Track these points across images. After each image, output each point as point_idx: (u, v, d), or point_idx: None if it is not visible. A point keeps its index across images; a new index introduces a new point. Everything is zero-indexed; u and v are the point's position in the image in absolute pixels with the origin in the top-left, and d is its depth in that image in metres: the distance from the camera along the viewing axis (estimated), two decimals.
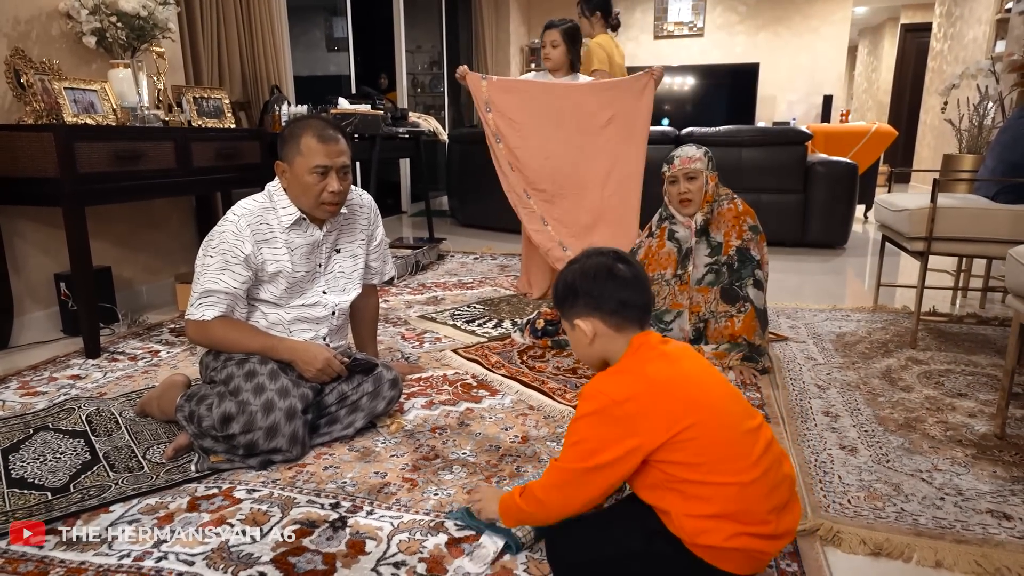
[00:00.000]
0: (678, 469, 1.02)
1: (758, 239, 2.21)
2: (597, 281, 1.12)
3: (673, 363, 1.10)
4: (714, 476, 1.01)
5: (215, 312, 1.62)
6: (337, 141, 1.66)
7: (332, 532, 1.30)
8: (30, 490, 1.45)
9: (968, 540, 1.27)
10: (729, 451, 1.02)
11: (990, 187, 2.54)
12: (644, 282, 1.14)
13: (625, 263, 1.13)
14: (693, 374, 1.09)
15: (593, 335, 1.13)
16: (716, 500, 1.01)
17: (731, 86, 7.97)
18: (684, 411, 1.02)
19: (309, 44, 6.39)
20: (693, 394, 1.05)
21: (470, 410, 1.87)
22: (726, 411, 1.06)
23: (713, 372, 1.13)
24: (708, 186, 2.19)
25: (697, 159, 2.16)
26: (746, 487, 1.01)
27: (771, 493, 1.04)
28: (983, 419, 1.81)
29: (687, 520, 1.02)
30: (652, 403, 1.03)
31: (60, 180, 2.20)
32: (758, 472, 1.02)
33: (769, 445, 1.07)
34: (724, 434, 1.03)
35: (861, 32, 11.54)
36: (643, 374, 1.07)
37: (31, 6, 2.53)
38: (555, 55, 2.97)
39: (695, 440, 1.01)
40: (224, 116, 3.10)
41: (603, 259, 1.14)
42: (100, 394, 2.01)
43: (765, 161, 4.41)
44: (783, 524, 1.05)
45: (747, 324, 2.16)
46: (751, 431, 1.06)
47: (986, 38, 6.16)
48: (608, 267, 1.12)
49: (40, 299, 2.63)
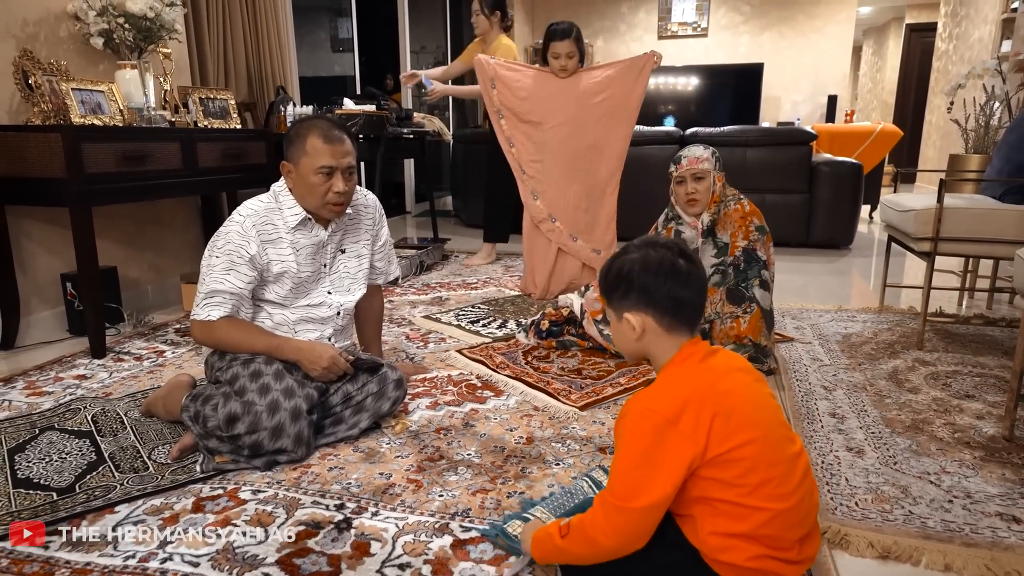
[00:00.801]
0: (717, 487, 0.97)
1: (764, 239, 2.20)
2: (658, 276, 1.03)
3: (724, 376, 1.03)
4: (752, 499, 0.96)
5: (220, 312, 1.62)
6: (342, 142, 1.66)
7: (337, 533, 1.30)
8: (36, 490, 1.45)
9: (977, 543, 1.26)
10: (772, 475, 0.97)
11: (997, 187, 2.53)
12: (703, 282, 1.08)
13: (687, 259, 1.05)
14: (746, 389, 1.03)
15: (642, 331, 1.05)
16: (748, 521, 0.97)
17: (735, 86, 7.95)
18: (739, 426, 0.96)
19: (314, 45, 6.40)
20: (748, 410, 0.99)
21: (475, 411, 1.87)
22: (775, 432, 1.01)
23: (763, 388, 1.07)
24: (715, 187, 2.19)
25: (705, 159, 2.16)
26: (780, 514, 0.97)
27: (801, 522, 1.00)
28: (991, 421, 1.80)
29: (711, 536, 0.99)
30: (706, 415, 0.96)
31: (67, 180, 2.20)
32: (794, 501, 0.98)
33: (806, 473, 1.03)
34: (772, 457, 0.98)
35: (866, 32, 11.50)
36: (695, 386, 1.00)
37: (39, 8, 2.54)
38: (572, 65, 2.93)
39: (746, 460, 0.96)
40: (230, 117, 3.11)
41: (666, 253, 1.05)
42: (106, 394, 2.01)
43: (770, 161, 4.40)
44: (805, 551, 1.03)
45: (753, 325, 2.15)
46: (793, 456, 1.02)
47: (992, 38, 6.13)
48: (671, 263, 1.04)
49: (46, 299, 2.63)
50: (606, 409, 1.89)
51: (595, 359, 2.29)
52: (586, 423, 1.79)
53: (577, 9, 8.40)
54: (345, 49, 6.09)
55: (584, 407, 1.88)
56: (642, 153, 4.60)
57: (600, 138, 2.97)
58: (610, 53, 8.44)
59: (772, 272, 2.22)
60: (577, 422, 1.80)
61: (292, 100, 3.72)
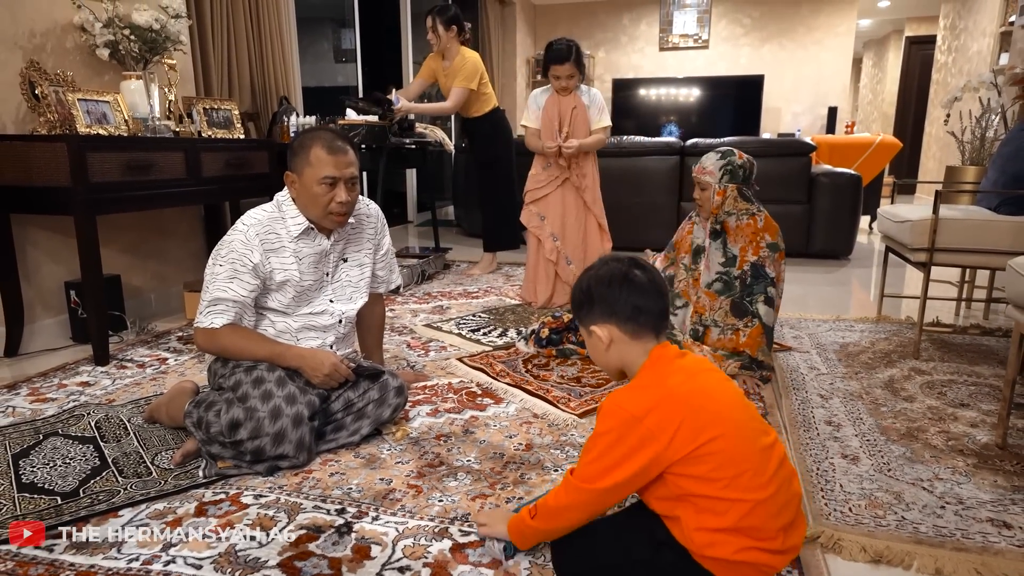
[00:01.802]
0: (694, 483, 1.02)
1: (775, 257, 2.22)
2: (612, 287, 1.12)
3: (693, 376, 1.09)
4: (729, 492, 1.01)
5: (224, 320, 1.64)
6: (346, 153, 1.69)
7: (338, 537, 1.31)
8: (40, 495, 1.47)
9: (968, 548, 1.28)
10: (746, 467, 1.02)
11: (992, 199, 2.55)
12: (660, 288, 1.14)
13: (641, 269, 1.13)
14: (713, 388, 1.09)
15: (609, 341, 1.13)
16: (729, 515, 1.01)
17: (736, 97, 8.00)
18: (706, 424, 1.02)
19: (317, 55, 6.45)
20: (714, 407, 1.05)
21: (475, 418, 1.89)
22: (745, 426, 1.06)
23: (731, 386, 1.13)
24: (715, 199, 2.22)
25: (708, 172, 2.22)
26: (759, 504, 1.01)
27: (781, 511, 1.04)
28: (985, 429, 1.82)
29: (697, 532, 1.02)
30: (673, 416, 1.02)
31: (72, 189, 2.24)
32: (772, 490, 1.02)
33: (782, 463, 1.07)
34: (743, 450, 1.03)
35: (866, 44, 11.58)
36: (663, 387, 1.06)
37: (47, 19, 2.58)
38: (573, 84, 2.97)
39: (716, 454, 1.01)
40: (233, 127, 3.14)
41: (618, 265, 1.14)
42: (109, 400, 2.03)
43: (770, 172, 4.42)
44: (790, 540, 1.06)
45: (752, 339, 2.17)
46: (766, 448, 1.06)
47: (990, 51, 6.18)
48: (623, 273, 1.12)
49: (50, 307, 2.66)
50: None
51: (594, 367, 2.31)
52: (585, 430, 1.81)
53: (579, 21, 8.47)
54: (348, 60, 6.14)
55: (583, 415, 1.90)
56: (643, 164, 4.64)
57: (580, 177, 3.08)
58: (612, 64, 8.51)
59: (781, 288, 2.24)
60: (576, 429, 1.81)
61: (295, 110, 3.76)
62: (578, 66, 2.92)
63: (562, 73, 2.92)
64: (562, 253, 3.09)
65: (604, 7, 8.38)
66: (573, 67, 2.91)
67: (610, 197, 3.56)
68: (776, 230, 2.27)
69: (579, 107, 2.97)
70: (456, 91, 3.70)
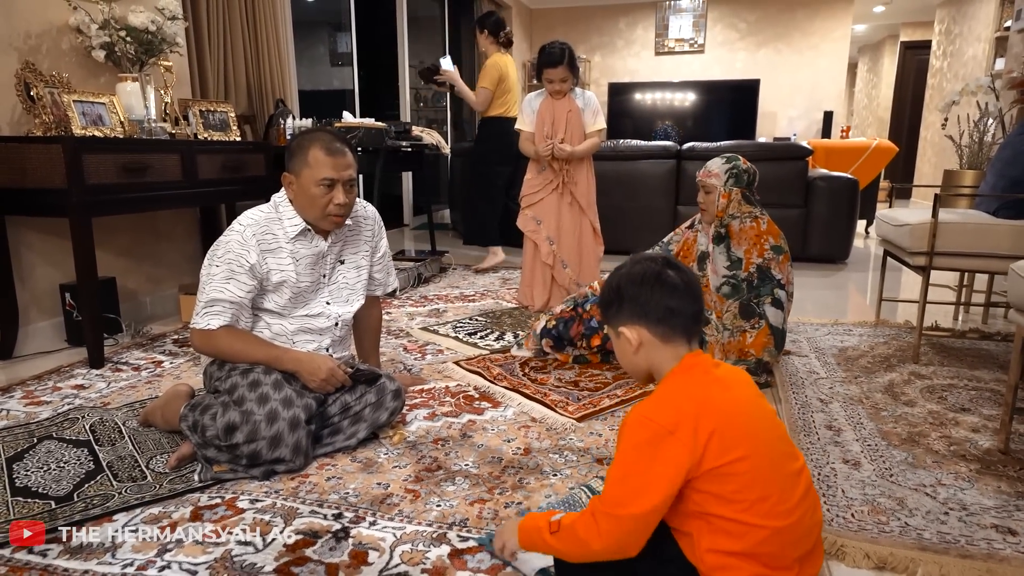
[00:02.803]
0: (713, 502, 0.97)
1: (780, 259, 2.22)
2: (644, 287, 1.05)
3: (727, 389, 1.03)
4: (749, 516, 0.96)
5: (220, 321, 1.63)
6: (344, 154, 1.68)
7: (335, 542, 1.30)
8: (34, 499, 1.45)
9: (973, 555, 1.27)
10: (770, 492, 0.97)
11: (991, 203, 2.55)
12: (695, 289, 1.07)
13: (675, 269, 1.07)
14: (747, 403, 1.03)
15: (639, 344, 1.06)
16: (745, 540, 0.96)
17: (732, 102, 8.01)
18: (737, 440, 0.96)
19: (314, 59, 6.44)
20: (747, 424, 0.99)
21: (472, 422, 1.87)
22: (775, 448, 1.01)
23: (765, 404, 1.07)
24: (720, 203, 2.23)
25: (713, 175, 2.23)
26: (779, 532, 0.96)
27: (801, 540, 1.00)
28: (987, 434, 1.81)
29: (708, 554, 0.98)
30: (705, 427, 0.95)
31: (68, 191, 2.22)
32: (794, 518, 0.98)
33: (808, 491, 1.02)
34: (770, 473, 0.98)
35: (861, 49, 11.62)
36: (693, 397, 0.99)
37: (42, 20, 2.56)
38: (566, 87, 2.97)
39: (742, 475, 0.95)
40: (229, 129, 3.13)
41: (651, 264, 1.07)
42: (104, 404, 2.01)
43: (766, 176, 4.36)
44: (805, 571, 1.02)
45: (759, 340, 2.17)
46: (794, 473, 1.01)
47: (985, 56, 6.21)
48: (656, 273, 1.06)
49: (45, 309, 2.64)
50: (603, 421, 1.89)
51: (592, 371, 2.30)
52: (583, 434, 1.79)
53: (575, 25, 8.48)
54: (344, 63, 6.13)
55: (581, 419, 1.89)
56: (638, 168, 4.64)
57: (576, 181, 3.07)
58: (608, 69, 8.52)
59: (790, 291, 2.23)
60: (574, 433, 1.80)
61: (291, 113, 3.74)
62: (571, 69, 2.92)
63: (555, 76, 2.92)
64: (558, 257, 3.08)
65: (600, 11, 8.39)
66: (566, 70, 2.91)
67: (606, 201, 3.56)
68: (779, 234, 2.27)
69: (573, 110, 2.97)
70: (477, 90, 4.07)
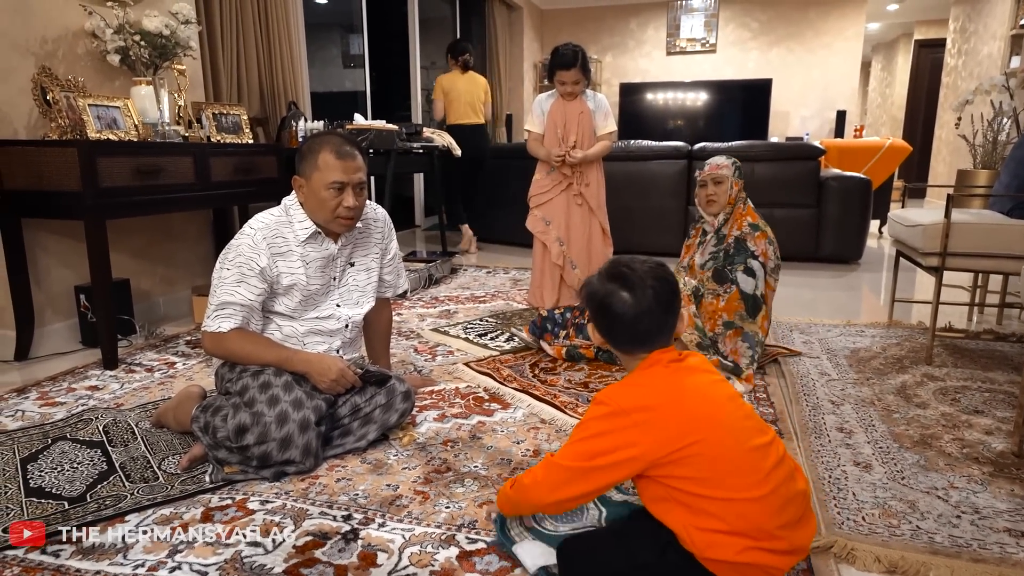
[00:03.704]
0: (683, 483, 1.04)
1: (756, 235, 2.31)
2: (614, 320, 1.14)
3: (684, 378, 1.11)
4: (720, 491, 1.02)
5: (231, 324, 1.64)
6: (354, 158, 1.69)
7: (344, 544, 1.31)
8: (47, 499, 1.47)
9: (985, 559, 1.26)
10: (735, 466, 1.03)
11: (1005, 202, 2.53)
12: (670, 305, 1.14)
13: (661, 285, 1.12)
14: (702, 389, 1.11)
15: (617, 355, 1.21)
16: (724, 516, 1.01)
17: (744, 101, 7.97)
18: (688, 427, 1.04)
19: (326, 61, 6.48)
20: (700, 410, 1.07)
21: (482, 423, 1.88)
22: (734, 427, 1.07)
23: (724, 387, 1.14)
24: (732, 191, 2.34)
25: (724, 166, 2.36)
26: (754, 503, 1.01)
27: (782, 509, 1.04)
28: (1000, 436, 1.79)
29: (696, 533, 1.03)
30: (657, 417, 1.05)
31: (82, 194, 2.24)
32: (767, 488, 1.02)
33: (780, 460, 1.07)
34: (730, 450, 1.04)
35: (875, 48, 11.52)
36: (652, 388, 1.10)
37: (58, 26, 2.59)
38: (579, 90, 2.96)
39: (699, 456, 1.03)
40: (242, 132, 3.15)
41: (628, 294, 1.12)
42: (117, 405, 2.04)
43: (778, 176, 4.40)
44: (796, 539, 1.05)
45: (730, 304, 2.26)
46: (761, 447, 1.06)
47: (1001, 54, 6.14)
48: (625, 304, 1.12)
49: (60, 311, 2.67)
50: None
51: (602, 372, 2.29)
52: None
53: (586, 25, 8.47)
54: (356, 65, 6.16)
55: None
56: (649, 168, 4.63)
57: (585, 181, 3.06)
58: (619, 69, 8.50)
59: (767, 267, 2.29)
60: None
61: (303, 115, 3.76)
62: (584, 71, 2.92)
63: (568, 79, 2.91)
64: (567, 257, 3.07)
65: (611, 12, 8.37)
66: (579, 73, 2.90)
67: (617, 201, 3.56)
68: (757, 216, 2.37)
69: (585, 112, 2.97)
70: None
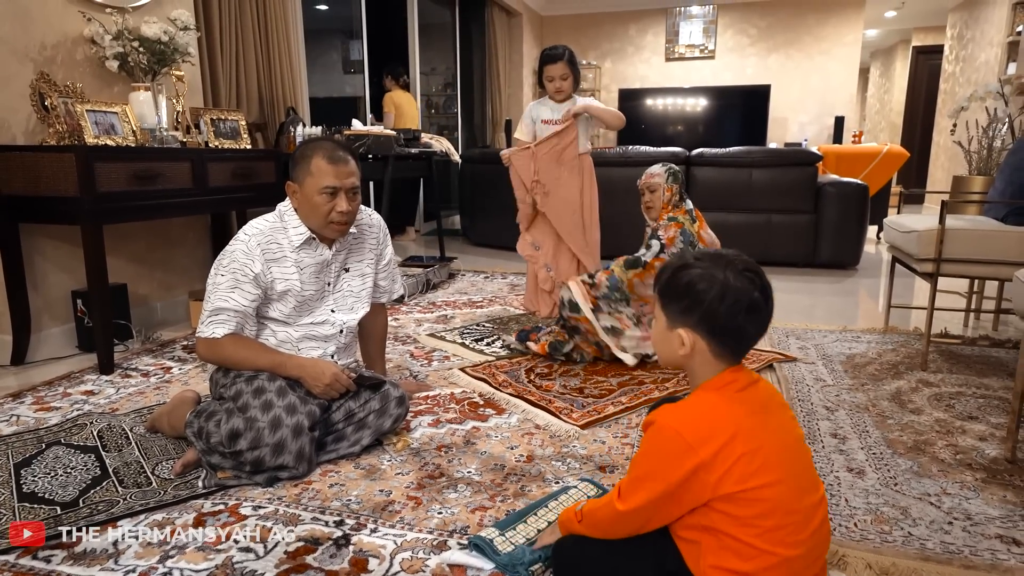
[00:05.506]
0: (728, 522, 0.95)
1: (669, 225, 2.46)
2: (733, 309, 0.97)
3: (759, 411, 0.99)
4: (761, 542, 0.94)
5: (225, 330, 1.64)
6: (347, 163, 1.70)
7: (335, 550, 1.31)
8: (40, 504, 1.47)
9: (976, 565, 1.26)
10: (788, 521, 0.95)
11: (1000, 209, 2.53)
12: (770, 315, 1.01)
13: (764, 292, 0.99)
14: (778, 428, 1.00)
15: (691, 350, 1.01)
16: (753, 563, 0.95)
17: (743, 107, 7.99)
18: (764, 466, 0.94)
19: (326, 66, 6.50)
20: (776, 451, 0.96)
21: (476, 429, 1.88)
22: (800, 477, 0.99)
23: (796, 429, 1.04)
24: (665, 196, 2.50)
25: (657, 175, 2.54)
26: (787, 561, 0.95)
27: (806, 569, 0.99)
28: (994, 443, 1.79)
29: (712, 570, 0.97)
30: (731, 451, 0.94)
31: (80, 199, 2.25)
32: (804, 549, 0.97)
33: (822, 523, 1.01)
34: (791, 503, 0.96)
35: (873, 54, 11.56)
36: (727, 416, 0.97)
37: (57, 32, 2.61)
38: (566, 86, 2.98)
39: (764, 501, 0.94)
40: (240, 137, 3.16)
41: (747, 285, 0.98)
42: (112, 410, 2.04)
43: (776, 182, 4.41)
44: None
45: (617, 264, 2.45)
46: (813, 505, 0.99)
47: (998, 60, 6.16)
48: (750, 298, 0.97)
49: (57, 315, 2.67)
50: (607, 428, 1.89)
51: (597, 378, 2.30)
52: (587, 441, 1.79)
53: (585, 31, 8.50)
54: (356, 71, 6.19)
55: (585, 426, 1.89)
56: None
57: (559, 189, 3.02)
58: (618, 75, 8.52)
59: (671, 252, 2.39)
60: (578, 440, 1.80)
61: (302, 121, 3.78)
62: (571, 66, 2.93)
63: (555, 73, 2.93)
64: (556, 281, 3.07)
65: (610, 18, 8.40)
66: (566, 67, 2.92)
67: (615, 207, 3.56)
68: (683, 211, 2.49)
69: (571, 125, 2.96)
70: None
